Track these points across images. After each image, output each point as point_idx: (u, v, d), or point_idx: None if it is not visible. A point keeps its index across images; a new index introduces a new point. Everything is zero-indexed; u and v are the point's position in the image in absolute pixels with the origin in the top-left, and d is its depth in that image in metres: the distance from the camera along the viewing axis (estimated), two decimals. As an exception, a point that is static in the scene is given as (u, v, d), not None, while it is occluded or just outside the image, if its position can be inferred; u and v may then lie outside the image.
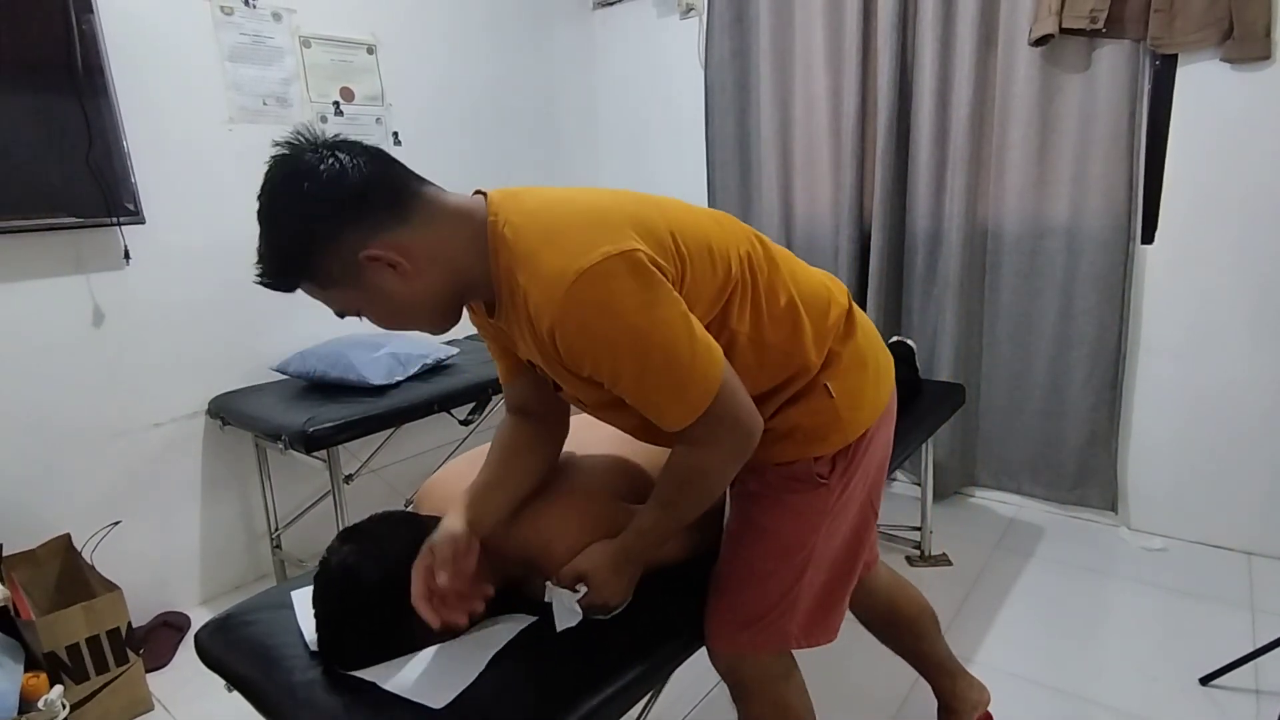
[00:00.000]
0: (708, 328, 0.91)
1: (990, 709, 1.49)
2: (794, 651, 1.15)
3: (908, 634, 1.42)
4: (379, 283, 0.86)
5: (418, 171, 0.91)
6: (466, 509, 1.03)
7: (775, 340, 0.97)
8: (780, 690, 1.13)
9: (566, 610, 1.02)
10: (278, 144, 0.86)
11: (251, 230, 0.86)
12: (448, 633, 1.04)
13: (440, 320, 0.95)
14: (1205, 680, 1.66)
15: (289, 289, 0.88)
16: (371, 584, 0.99)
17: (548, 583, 1.06)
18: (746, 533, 1.09)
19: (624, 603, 1.06)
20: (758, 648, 1.09)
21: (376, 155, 0.87)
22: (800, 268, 1.06)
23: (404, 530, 1.06)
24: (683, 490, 0.98)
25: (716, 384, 0.87)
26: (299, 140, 0.86)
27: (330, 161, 0.83)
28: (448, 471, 1.26)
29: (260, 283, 0.87)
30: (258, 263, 0.86)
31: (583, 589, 1.02)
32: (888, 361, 1.14)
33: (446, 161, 2.68)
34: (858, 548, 1.14)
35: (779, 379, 1.00)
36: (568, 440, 1.18)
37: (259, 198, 0.85)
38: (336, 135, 0.88)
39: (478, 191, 0.94)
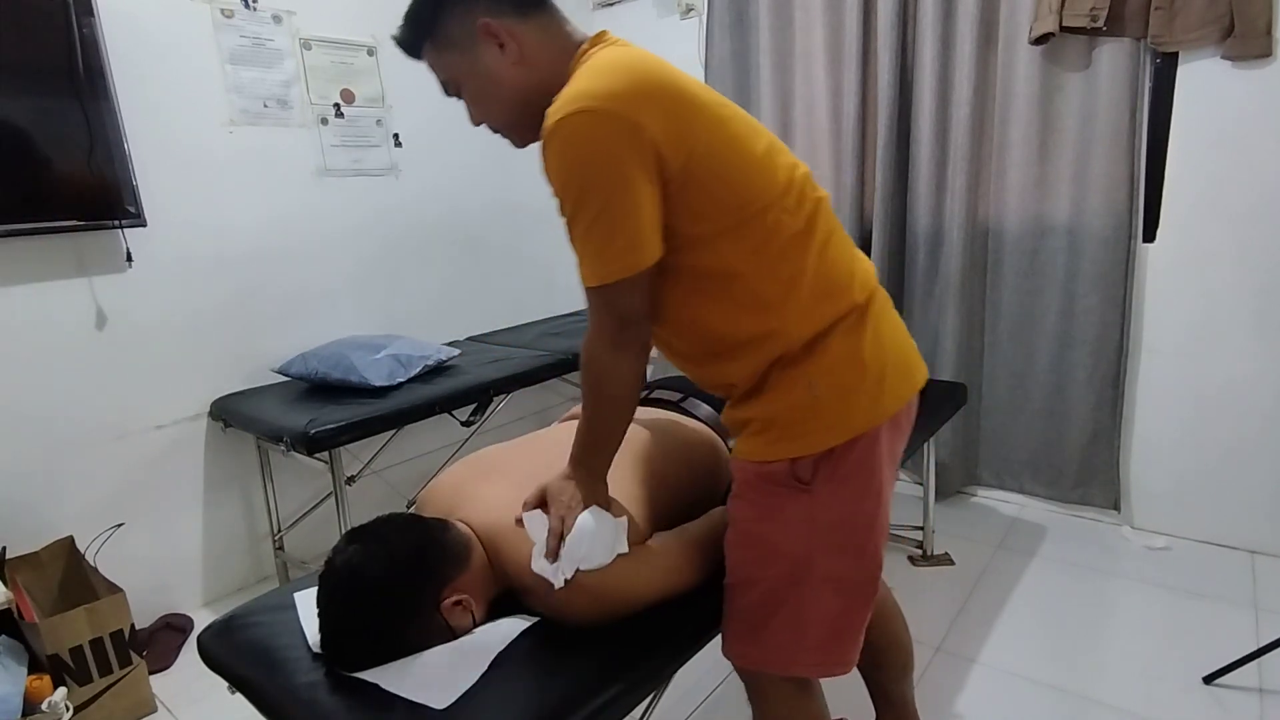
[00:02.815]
0: (699, 237, 0.94)
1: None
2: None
3: (867, 659, 1.34)
4: (484, 57, 0.99)
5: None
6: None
7: (766, 295, 0.97)
8: (790, 711, 1.11)
9: (540, 542, 1.03)
10: None
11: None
12: (450, 634, 1.04)
13: (519, 121, 1.02)
14: (1209, 679, 1.66)
15: (415, 50, 1.02)
16: (376, 584, 1.00)
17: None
18: (733, 537, 1.08)
19: (584, 510, 1.03)
20: (765, 665, 1.08)
21: None
22: (837, 244, 1.02)
23: (409, 532, 1.06)
24: (583, 373, 1.02)
25: (635, 268, 0.91)
26: None
27: None
28: (449, 474, 1.26)
29: (395, 39, 1.03)
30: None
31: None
32: (905, 374, 1.05)
33: (446, 162, 2.67)
34: (870, 568, 1.07)
35: (751, 332, 0.99)
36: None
37: None
38: None
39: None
